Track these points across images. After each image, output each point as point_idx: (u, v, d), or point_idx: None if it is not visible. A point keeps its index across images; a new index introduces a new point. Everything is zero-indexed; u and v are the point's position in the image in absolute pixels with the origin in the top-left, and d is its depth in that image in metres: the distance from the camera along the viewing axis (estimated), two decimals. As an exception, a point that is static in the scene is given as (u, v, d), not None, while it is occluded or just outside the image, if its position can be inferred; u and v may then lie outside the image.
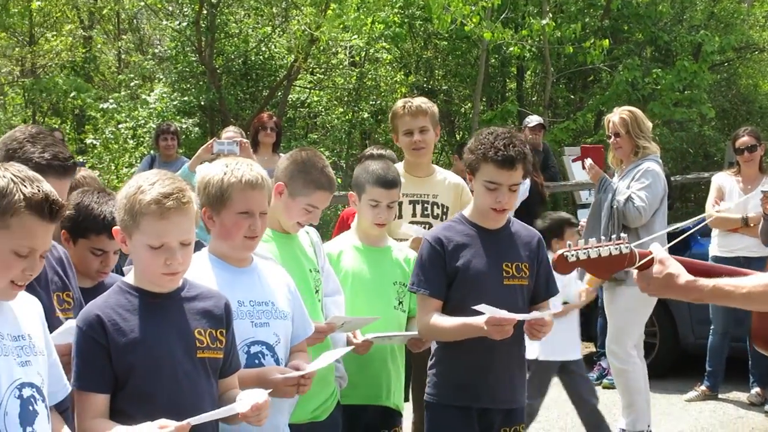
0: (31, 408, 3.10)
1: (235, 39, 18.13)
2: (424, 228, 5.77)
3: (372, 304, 5.09)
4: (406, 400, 5.57)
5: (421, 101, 6.10)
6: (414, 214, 6.00)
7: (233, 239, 4.03)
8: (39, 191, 3.05)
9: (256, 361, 3.99)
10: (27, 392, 3.10)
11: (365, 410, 5.11)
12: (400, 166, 6.08)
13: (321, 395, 4.57)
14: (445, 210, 6.02)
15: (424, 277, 4.81)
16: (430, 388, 4.91)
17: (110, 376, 3.47)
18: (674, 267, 3.48)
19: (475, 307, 4.45)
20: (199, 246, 3.94)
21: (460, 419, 4.82)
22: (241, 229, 4.00)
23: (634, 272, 3.60)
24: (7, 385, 3.05)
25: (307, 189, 4.58)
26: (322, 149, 16.97)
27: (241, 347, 3.92)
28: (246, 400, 3.50)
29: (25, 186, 3.04)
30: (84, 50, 21.04)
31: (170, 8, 18.43)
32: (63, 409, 3.44)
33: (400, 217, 5.91)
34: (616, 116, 7.35)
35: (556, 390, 7.47)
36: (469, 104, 18.48)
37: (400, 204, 5.83)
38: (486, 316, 4.46)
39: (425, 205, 6.02)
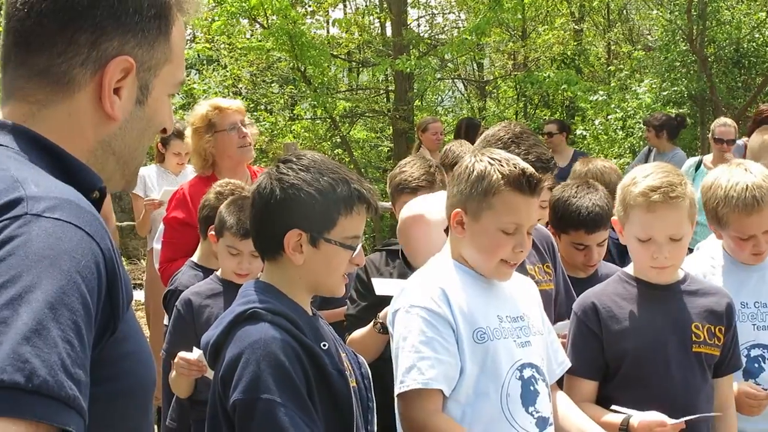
0: (531, 388, 3.21)
1: (727, 26, 17.62)
2: None
3: None
4: None
5: None
6: None
7: (737, 255, 4.02)
8: (515, 167, 3.19)
9: (756, 365, 3.92)
10: (527, 373, 3.22)
11: None
12: None
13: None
14: None
15: None
16: None
17: (601, 364, 3.58)
18: None
19: None
20: None
21: None
22: (744, 251, 3.96)
23: None
24: (508, 367, 3.19)
25: None
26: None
27: (742, 350, 3.86)
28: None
29: (502, 166, 3.20)
30: (575, 43, 21.47)
31: (661, -2, 18.32)
32: None
33: None
34: None
35: None
36: None
37: None
38: None
39: None
